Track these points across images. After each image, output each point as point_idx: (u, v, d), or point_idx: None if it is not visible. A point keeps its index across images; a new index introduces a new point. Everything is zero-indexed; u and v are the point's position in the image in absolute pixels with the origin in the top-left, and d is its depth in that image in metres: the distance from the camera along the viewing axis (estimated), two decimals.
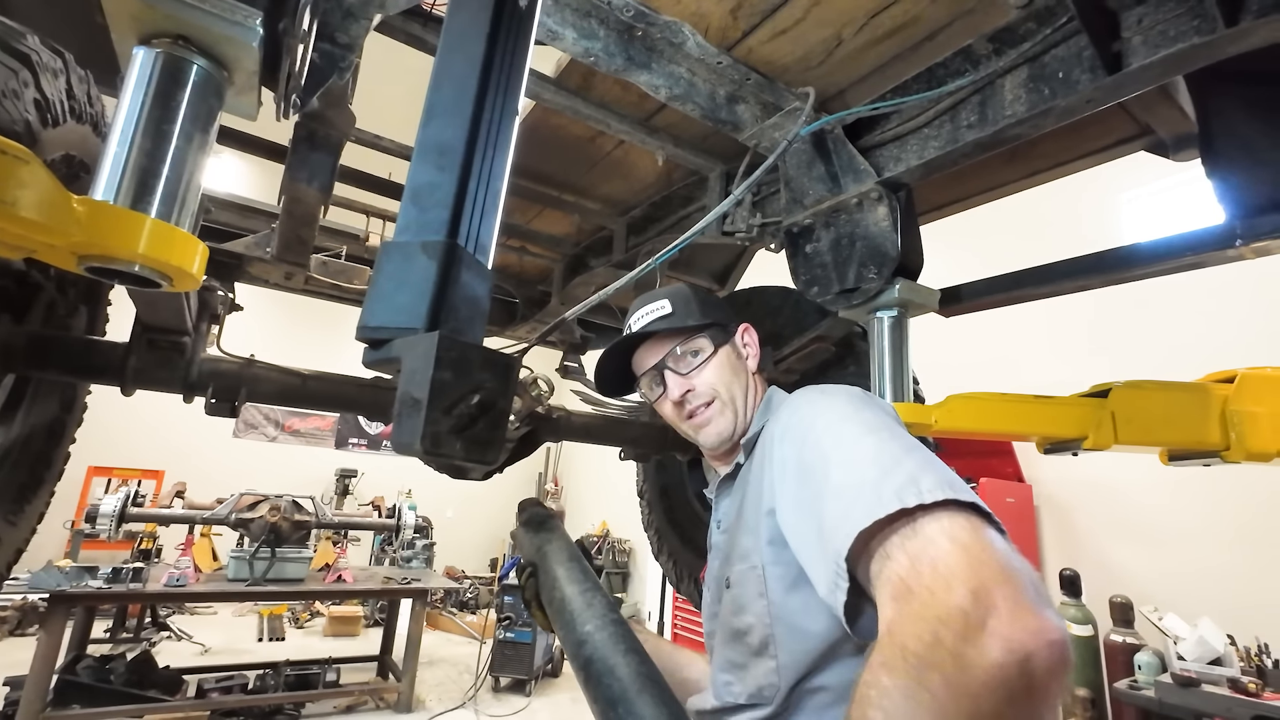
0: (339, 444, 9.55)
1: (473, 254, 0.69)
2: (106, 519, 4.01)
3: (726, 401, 0.97)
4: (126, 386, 1.38)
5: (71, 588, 3.75)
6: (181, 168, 0.71)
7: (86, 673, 4.02)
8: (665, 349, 1.00)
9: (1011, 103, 1.15)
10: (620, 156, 1.89)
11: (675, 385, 0.98)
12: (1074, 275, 1.48)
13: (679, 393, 0.98)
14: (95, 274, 0.66)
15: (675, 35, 1.24)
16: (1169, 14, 0.94)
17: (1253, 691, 3.00)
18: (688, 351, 0.99)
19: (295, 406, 1.72)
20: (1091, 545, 4.40)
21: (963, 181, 1.76)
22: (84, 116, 1.05)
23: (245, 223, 1.97)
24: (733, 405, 0.97)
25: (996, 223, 3.83)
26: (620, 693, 0.62)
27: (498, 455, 0.63)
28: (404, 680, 4.65)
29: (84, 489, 7.53)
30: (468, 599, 8.30)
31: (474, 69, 0.72)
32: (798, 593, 0.75)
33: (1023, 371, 4.82)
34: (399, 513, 5.14)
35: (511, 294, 2.75)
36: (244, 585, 4.32)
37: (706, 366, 0.98)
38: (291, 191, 1.36)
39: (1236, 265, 1.30)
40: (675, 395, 0.98)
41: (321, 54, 1.00)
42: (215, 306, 1.53)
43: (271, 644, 6.37)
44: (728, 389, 0.97)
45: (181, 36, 0.71)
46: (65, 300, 1.46)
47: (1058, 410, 1.37)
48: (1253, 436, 1.28)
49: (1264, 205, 1.17)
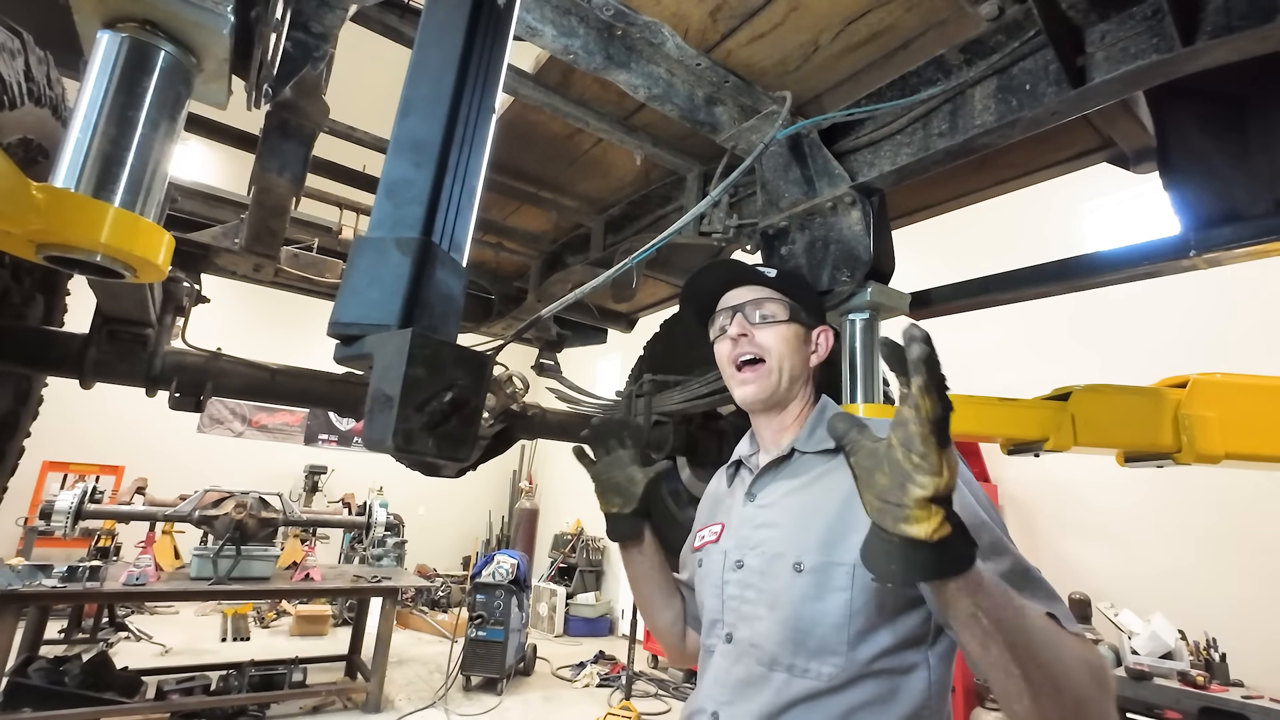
0: (309, 440, 9.36)
1: (447, 251, 0.69)
2: (62, 515, 3.88)
3: (774, 368, 1.03)
4: (85, 379, 1.34)
5: (24, 587, 3.62)
6: (147, 155, 0.69)
7: (39, 674, 3.88)
8: (750, 296, 1.07)
9: (981, 112, 1.18)
10: (599, 154, 1.89)
11: (737, 326, 1.05)
12: (1038, 281, 1.53)
13: (737, 332, 1.05)
14: (54, 263, 0.64)
15: (655, 35, 1.24)
16: (1130, 32, 0.98)
17: (1201, 684, 3.13)
18: (765, 308, 1.06)
19: (263, 401, 1.69)
20: (1052, 544, 4.54)
21: (933, 188, 1.80)
22: (43, 99, 1.01)
23: (213, 213, 1.92)
24: (778, 374, 1.03)
25: (965, 228, 3.92)
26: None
27: (471, 453, 0.63)
28: (373, 680, 4.59)
29: (38, 484, 7.26)
30: (439, 597, 8.22)
31: (451, 64, 0.72)
32: (877, 594, 0.84)
33: (996, 373, 4.94)
34: (370, 510, 5.06)
35: (487, 290, 2.73)
36: (207, 584, 4.21)
37: (773, 328, 1.04)
38: (262, 182, 1.34)
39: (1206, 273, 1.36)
40: (734, 332, 1.05)
41: (295, 43, 0.98)
42: (180, 298, 1.50)
43: (236, 644, 6.22)
44: (779, 358, 1.03)
45: (148, 21, 0.69)
46: (21, 289, 1.41)
47: (1021, 412, 1.41)
48: (1203, 439, 1.34)
49: (1217, 218, 1.22)
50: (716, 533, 1.07)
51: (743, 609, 0.95)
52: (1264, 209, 1.17)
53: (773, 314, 1.05)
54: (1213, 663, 3.30)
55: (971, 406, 1.41)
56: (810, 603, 0.87)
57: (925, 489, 0.59)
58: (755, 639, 0.91)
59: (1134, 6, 0.98)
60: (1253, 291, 3.86)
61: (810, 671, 0.85)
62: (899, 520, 0.60)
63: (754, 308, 1.06)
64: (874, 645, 0.83)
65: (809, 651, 0.86)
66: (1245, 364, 1.72)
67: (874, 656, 0.83)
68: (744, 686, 0.90)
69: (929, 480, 0.59)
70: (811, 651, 0.85)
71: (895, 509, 0.61)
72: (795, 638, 0.87)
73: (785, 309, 1.05)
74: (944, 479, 0.59)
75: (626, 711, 4.67)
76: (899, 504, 0.60)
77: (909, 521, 0.60)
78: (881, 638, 0.84)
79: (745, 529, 1.01)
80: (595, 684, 5.79)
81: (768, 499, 1.01)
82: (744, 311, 1.06)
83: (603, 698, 5.44)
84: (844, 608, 0.85)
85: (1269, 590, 3.59)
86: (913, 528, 0.60)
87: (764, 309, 1.05)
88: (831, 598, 0.86)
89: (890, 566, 0.62)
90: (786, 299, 1.06)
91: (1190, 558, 3.92)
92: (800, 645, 0.86)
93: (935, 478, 0.58)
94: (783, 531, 0.95)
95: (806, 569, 0.89)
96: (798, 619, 0.87)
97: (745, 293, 1.08)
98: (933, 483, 0.58)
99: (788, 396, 1.04)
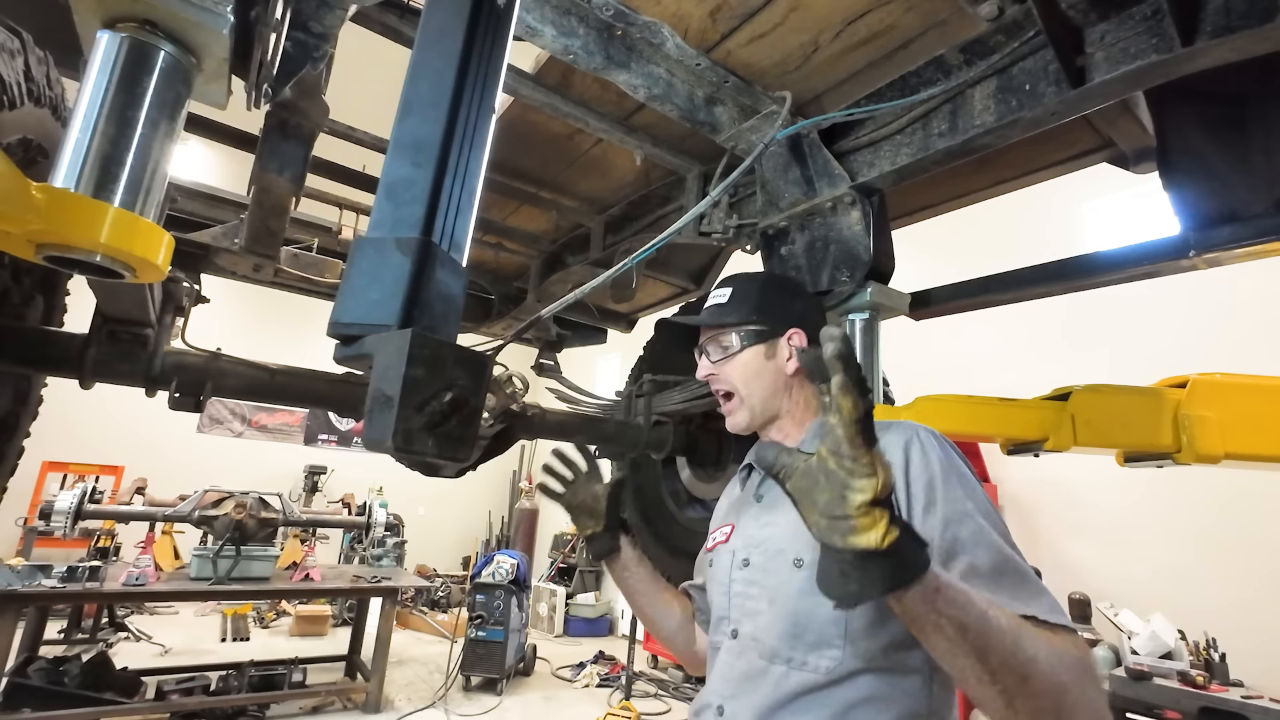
0: (308, 440, 9.36)
1: (447, 251, 0.69)
2: (62, 516, 3.88)
3: (743, 398, 1.06)
4: (85, 379, 1.34)
5: (23, 587, 3.62)
6: (147, 155, 0.69)
7: (39, 675, 3.88)
8: (705, 335, 1.13)
9: (981, 113, 1.18)
10: (599, 155, 1.89)
11: (703, 368, 1.12)
12: (1038, 281, 1.53)
13: (703, 374, 1.12)
14: (54, 263, 0.64)
15: (654, 36, 1.24)
16: (1130, 32, 0.98)
17: (1200, 684, 3.13)
18: (719, 344, 1.10)
19: (263, 401, 1.69)
20: (1052, 544, 4.54)
21: (933, 188, 1.80)
22: (43, 99, 1.01)
23: (213, 213, 1.92)
24: (748, 403, 1.06)
25: (965, 228, 3.92)
26: None
27: (470, 453, 0.63)
28: (372, 680, 4.58)
29: (38, 484, 7.26)
30: (439, 598, 8.21)
31: (451, 64, 0.72)
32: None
33: (996, 374, 4.94)
34: (369, 510, 5.05)
35: (487, 290, 2.73)
36: (207, 584, 4.21)
37: (729, 362, 1.08)
38: (262, 182, 1.34)
39: (1206, 273, 1.36)
40: (700, 375, 1.12)
41: (295, 43, 0.98)
42: (180, 298, 1.50)
43: (235, 644, 6.21)
44: (745, 386, 1.06)
45: (148, 21, 0.69)
46: (20, 289, 1.41)
47: (1021, 413, 1.41)
48: (1202, 439, 1.34)
49: (1216, 218, 1.22)
50: (727, 533, 1.09)
51: (746, 605, 0.97)
52: (1263, 209, 1.17)
53: (727, 345, 1.08)
54: (1212, 663, 3.30)
55: (971, 407, 1.41)
56: (808, 596, 0.87)
57: (865, 492, 0.58)
58: (757, 633, 0.92)
59: (1134, 7, 0.98)
60: (1252, 292, 3.86)
61: (808, 664, 0.85)
62: (847, 534, 0.59)
63: (712, 346, 1.10)
64: (872, 639, 0.84)
65: (807, 644, 0.86)
66: (1244, 364, 1.72)
67: (872, 651, 0.83)
68: (746, 680, 0.91)
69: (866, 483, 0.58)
70: (809, 644, 0.86)
71: (841, 522, 0.59)
72: (794, 630, 0.88)
73: (738, 338, 1.07)
74: (879, 479, 0.58)
75: (626, 711, 4.67)
76: (843, 515, 0.59)
77: (856, 533, 0.58)
78: (880, 633, 0.84)
79: (751, 528, 1.03)
80: (595, 684, 5.79)
81: (773, 499, 1.03)
82: (707, 352, 1.11)
83: (602, 698, 5.43)
84: None
85: (1269, 590, 3.59)
86: (861, 538, 0.58)
87: (721, 341, 1.09)
88: None
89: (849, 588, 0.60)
90: (741, 326, 1.08)
91: (1190, 558, 3.92)
92: (798, 638, 0.87)
93: (871, 479, 0.58)
94: (784, 529, 0.96)
95: (806, 564, 0.90)
96: (796, 612, 0.88)
97: (706, 330, 1.12)
98: (870, 484, 0.57)
99: (771, 413, 1.07)
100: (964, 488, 0.85)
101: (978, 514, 0.83)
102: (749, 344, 1.07)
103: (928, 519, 0.83)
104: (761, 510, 1.04)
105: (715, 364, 1.09)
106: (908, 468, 0.88)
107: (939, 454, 0.89)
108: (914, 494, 0.86)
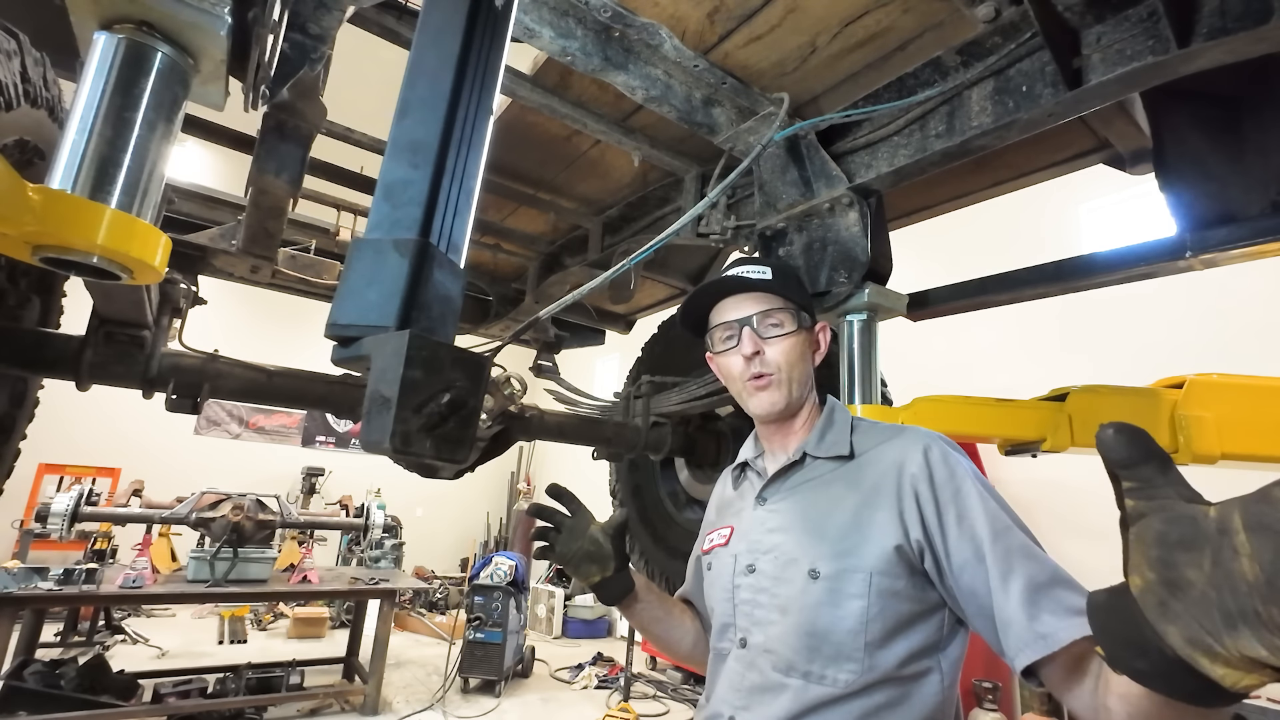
0: (306, 442, 9.34)
1: (445, 252, 0.69)
2: (58, 518, 3.87)
3: (785, 380, 1.01)
4: (81, 381, 1.34)
5: (19, 589, 3.61)
6: (144, 157, 0.69)
7: (34, 678, 3.86)
8: (755, 308, 1.02)
9: (978, 114, 1.18)
10: (597, 156, 1.89)
11: (750, 343, 1.01)
12: (1035, 283, 1.53)
13: (751, 350, 1.01)
14: (51, 265, 0.64)
15: (652, 37, 1.24)
16: (1126, 34, 0.98)
17: None
18: (773, 318, 1.02)
19: (260, 403, 1.68)
20: (1052, 544, 4.49)
21: (931, 189, 1.80)
22: (39, 100, 1.01)
23: (210, 214, 1.92)
24: (789, 385, 1.01)
25: (962, 229, 3.93)
26: None
27: (468, 454, 0.63)
28: (370, 682, 4.57)
29: (34, 487, 7.23)
30: (437, 599, 8.19)
31: (449, 65, 0.72)
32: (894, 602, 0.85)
33: (993, 374, 4.95)
34: (367, 512, 5.04)
35: (485, 292, 2.73)
36: (204, 586, 4.19)
37: (783, 341, 1.01)
38: (259, 183, 1.33)
39: (1200, 273, 1.36)
40: (747, 351, 1.01)
41: (292, 44, 0.98)
42: (177, 300, 1.49)
43: (233, 646, 6.19)
44: (790, 369, 1.01)
45: (145, 22, 0.69)
46: (16, 290, 1.41)
47: (1018, 413, 1.41)
48: (1199, 440, 1.34)
49: (1212, 219, 1.22)
50: (726, 536, 1.06)
51: (755, 614, 0.95)
52: (1259, 210, 1.17)
53: (782, 322, 1.02)
54: None
55: (969, 407, 1.41)
56: (826, 609, 0.86)
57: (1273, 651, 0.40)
58: (769, 644, 0.91)
59: (1130, 8, 0.98)
60: (1250, 293, 3.87)
61: (827, 678, 0.85)
62: (1203, 652, 0.44)
63: (763, 320, 1.02)
64: (890, 652, 0.83)
65: (825, 658, 0.85)
66: (1241, 365, 1.73)
67: (890, 663, 0.83)
68: (760, 692, 0.90)
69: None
70: (828, 658, 0.85)
71: (1205, 637, 0.44)
72: (811, 644, 0.86)
73: (792, 318, 1.02)
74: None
75: (625, 713, 4.67)
76: (1213, 633, 0.43)
77: (1216, 661, 0.44)
78: (898, 645, 0.84)
79: (756, 533, 1.00)
80: (594, 686, 5.78)
81: (779, 503, 1.01)
82: (753, 325, 1.01)
83: (601, 699, 5.43)
84: (860, 615, 0.85)
85: None
86: (1218, 669, 0.44)
87: (773, 319, 1.02)
88: (847, 605, 0.86)
89: (1137, 665, 0.50)
90: (791, 304, 1.03)
91: None
92: (816, 651, 0.86)
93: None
94: (795, 537, 0.94)
95: (823, 575, 0.88)
96: (813, 625, 0.87)
97: (749, 303, 1.03)
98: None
99: (798, 403, 1.03)
100: (995, 499, 0.86)
101: (1016, 527, 0.84)
102: (803, 327, 1.03)
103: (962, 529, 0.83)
104: (768, 514, 1.01)
105: (766, 340, 1.01)
106: (931, 475, 0.88)
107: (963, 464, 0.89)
108: (942, 502, 0.86)
